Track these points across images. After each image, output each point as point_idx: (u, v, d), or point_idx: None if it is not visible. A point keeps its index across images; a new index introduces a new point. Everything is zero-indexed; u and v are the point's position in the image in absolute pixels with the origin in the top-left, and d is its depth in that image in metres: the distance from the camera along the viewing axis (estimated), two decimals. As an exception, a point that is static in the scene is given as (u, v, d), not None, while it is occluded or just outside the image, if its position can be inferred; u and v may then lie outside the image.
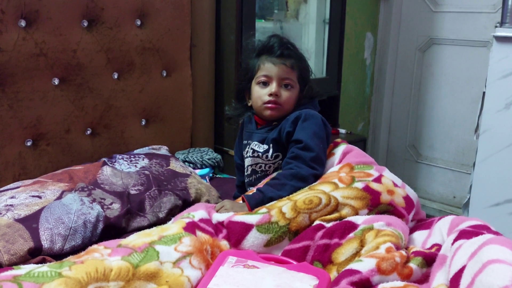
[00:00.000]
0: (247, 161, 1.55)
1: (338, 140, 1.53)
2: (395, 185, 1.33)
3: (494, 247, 0.91)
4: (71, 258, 1.07)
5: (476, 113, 2.26)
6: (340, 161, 1.43)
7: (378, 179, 1.31)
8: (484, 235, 1.03)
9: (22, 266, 1.08)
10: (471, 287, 0.87)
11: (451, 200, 3.07)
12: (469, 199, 2.29)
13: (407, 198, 1.32)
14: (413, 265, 1.04)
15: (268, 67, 1.47)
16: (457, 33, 2.85)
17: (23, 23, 1.60)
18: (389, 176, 1.35)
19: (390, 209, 1.27)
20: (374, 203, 1.26)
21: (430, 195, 3.15)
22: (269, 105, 1.47)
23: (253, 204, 1.31)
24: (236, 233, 1.20)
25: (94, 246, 1.12)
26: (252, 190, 1.43)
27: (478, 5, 2.74)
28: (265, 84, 1.48)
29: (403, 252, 1.07)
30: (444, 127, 3.01)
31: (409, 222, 1.31)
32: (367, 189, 1.27)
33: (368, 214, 1.24)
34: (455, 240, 1.06)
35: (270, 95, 1.46)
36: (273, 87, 1.46)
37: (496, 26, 2.10)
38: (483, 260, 0.89)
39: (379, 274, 1.00)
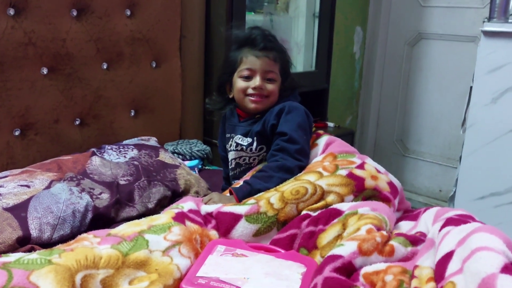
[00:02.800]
0: (231, 155, 1.56)
1: (321, 132, 1.55)
2: (378, 171, 1.36)
3: (484, 235, 0.93)
4: (60, 246, 1.08)
5: (463, 107, 2.28)
6: (323, 151, 1.46)
7: (361, 166, 1.35)
8: (473, 223, 1.05)
9: (11, 254, 1.08)
10: (460, 273, 0.89)
11: (437, 193, 3.10)
12: (455, 192, 2.32)
13: (391, 184, 1.35)
14: (394, 243, 1.06)
15: (251, 60, 1.47)
16: (445, 28, 2.87)
17: (11, 11, 1.59)
18: (371, 164, 1.39)
19: (375, 194, 1.30)
20: (359, 189, 1.29)
21: (416, 189, 3.19)
22: (253, 98, 1.48)
23: (241, 196, 1.33)
24: (225, 223, 1.22)
25: (84, 235, 1.12)
26: (237, 183, 1.45)
27: (466, 0, 2.76)
28: (248, 77, 1.48)
29: (384, 233, 1.09)
30: (432, 122, 3.04)
31: (396, 210, 1.34)
32: (350, 175, 1.30)
33: (354, 200, 1.27)
34: (443, 226, 1.08)
35: (254, 88, 1.47)
36: (257, 80, 1.46)
37: (484, 21, 2.12)
38: (472, 247, 0.90)
39: (361, 256, 1.02)
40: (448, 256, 0.95)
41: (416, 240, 1.10)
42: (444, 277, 0.92)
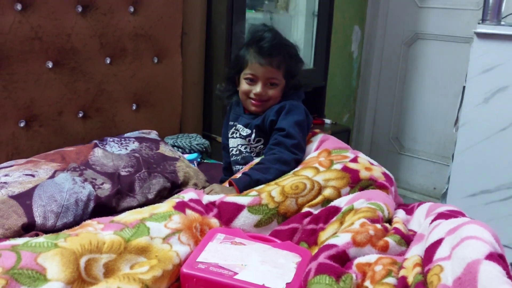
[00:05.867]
0: (233, 142, 1.63)
1: (317, 130, 1.63)
2: (371, 164, 1.44)
3: (474, 226, 0.99)
4: (66, 231, 1.12)
5: (457, 107, 2.33)
6: (317, 148, 1.53)
7: (354, 160, 1.43)
8: (464, 218, 1.11)
9: (18, 238, 1.13)
10: (448, 259, 0.94)
11: (431, 191, 3.15)
12: (447, 189, 2.38)
13: (385, 174, 1.42)
14: (390, 240, 1.11)
15: (255, 67, 1.54)
16: (441, 29, 2.91)
17: (19, 6, 1.63)
18: (364, 157, 1.46)
19: (372, 184, 1.36)
20: (355, 180, 1.35)
21: (411, 186, 3.24)
22: (254, 101, 1.56)
23: (241, 187, 1.39)
24: (228, 212, 1.27)
25: (88, 221, 1.17)
26: (235, 176, 1.51)
27: (462, 2, 2.81)
28: (251, 80, 1.55)
29: (378, 226, 1.14)
30: (427, 120, 3.09)
31: (394, 198, 1.39)
32: (345, 169, 1.37)
33: (350, 191, 1.33)
34: (433, 220, 1.14)
35: (255, 94, 1.55)
36: (258, 87, 1.54)
37: (479, 23, 2.17)
38: (462, 236, 0.96)
39: (354, 246, 1.07)
40: (437, 243, 1.01)
41: (410, 240, 1.15)
42: (432, 260, 0.98)
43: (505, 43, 2.09)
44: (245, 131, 1.59)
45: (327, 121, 2.69)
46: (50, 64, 1.75)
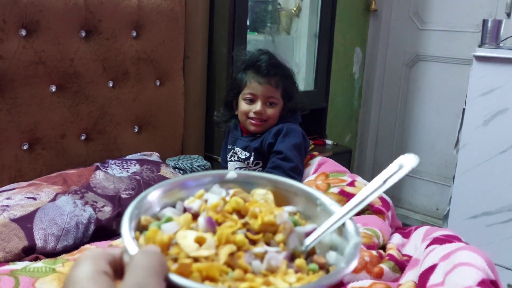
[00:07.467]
0: (231, 165, 1.66)
1: (315, 153, 1.66)
2: None
3: (467, 253, 1.00)
4: (64, 256, 1.14)
5: (458, 128, 2.35)
6: (315, 171, 1.55)
7: (351, 184, 1.43)
8: (458, 243, 1.12)
9: (17, 262, 1.15)
10: (441, 285, 0.95)
11: (434, 212, 3.15)
12: (449, 211, 2.38)
13: (382, 199, 1.42)
14: (384, 266, 1.12)
15: (254, 86, 1.58)
16: (442, 51, 2.94)
17: (23, 32, 1.67)
18: (362, 181, 1.47)
19: (368, 208, 1.37)
20: None
21: (414, 207, 3.23)
22: (254, 121, 1.59)
23: None
24: None
25: (87, 246, 1.19)
26: None
27: (462, 25, 2.84)
28: (251, 100, 1.58)
29: (374, 252, 1.15)
30: (429, 141, 3.10)
31: (390, 222, 1.40)
32: (342, 192, 1.39)
33: None
34: (428, 245, 1.15)
35: (255, 112, 1.57)
36: (258, 105, 1.57)
37: (479, 46, 2.20)
38: (455, 262, 0.97)
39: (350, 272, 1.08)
40: (431, 269, 1.02)
41: (404, 267, 1.16)
42: (426, 286, 0.98)
43: (504, 66, 2.11)
44: (244, 154, 1.62)
45: (329, 142, 2.70)
46: (53, 88, 1.78)
